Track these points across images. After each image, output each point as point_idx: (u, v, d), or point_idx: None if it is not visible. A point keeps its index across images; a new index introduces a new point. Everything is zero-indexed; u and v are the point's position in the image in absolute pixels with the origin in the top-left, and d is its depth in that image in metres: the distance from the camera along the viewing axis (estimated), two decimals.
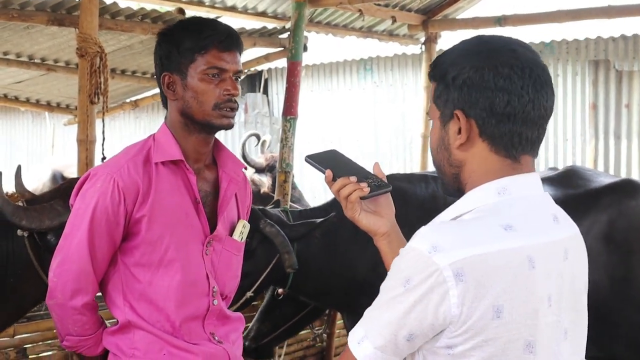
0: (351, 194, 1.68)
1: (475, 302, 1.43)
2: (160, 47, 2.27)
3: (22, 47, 5.77)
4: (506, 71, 1.50)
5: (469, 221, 1.52)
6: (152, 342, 2.23)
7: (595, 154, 8.61)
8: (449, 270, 1.42)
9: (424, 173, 4.27)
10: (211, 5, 5.48)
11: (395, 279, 1.49)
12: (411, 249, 1.48)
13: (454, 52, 1.59)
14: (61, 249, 2.23)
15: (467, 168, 1.57)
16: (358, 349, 1.53)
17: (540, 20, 6.00)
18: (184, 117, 2.25)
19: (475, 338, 1.45)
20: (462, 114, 1.53)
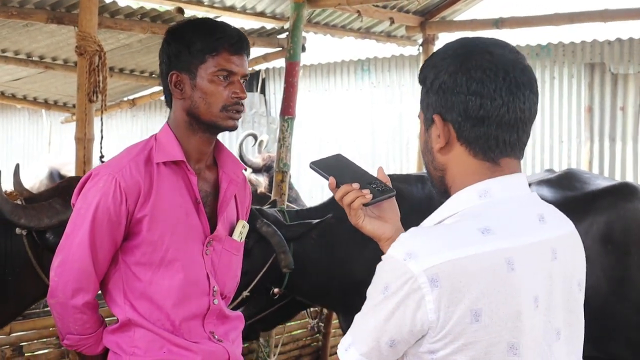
0: (354, 201, 1.68)
1: (452, 307, 1.44)
2: (170, 46, 2.27)
3: (20, 45, 5.78)
4: (479, 75, 1.50)
5: (447, 226, 1.52)
6: (153, 340, 2.24)
7: (591, 156, 8.64)
8: (423, 277, 1.43)
9: (420, 174, 4.29)
10: (210, 4, 5.49)
11: (376, 286, 1.50)
12: (389, 256, 1.49)
13: (436, 55, 1.59)
14: (62, 248, 2.23)
15: (449, 172, 1.58)
16: (345, 355, 1.55)
17: (537, 23, 6.03)
18: (190, 117, 2.26)
19: (455, 342, 1.45)
20: (440, 118, 1.54)
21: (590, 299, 3.37)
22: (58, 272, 2.22)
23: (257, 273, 3.51)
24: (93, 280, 2.22)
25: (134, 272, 2.24)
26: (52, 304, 2.26)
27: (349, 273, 3.82)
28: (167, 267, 2.23)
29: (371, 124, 10.19)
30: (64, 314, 2.24)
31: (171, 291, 2.24)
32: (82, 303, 2.21)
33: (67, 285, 2.20)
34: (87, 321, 2.25)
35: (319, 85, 10.61)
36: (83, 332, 2.26)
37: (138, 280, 2.24)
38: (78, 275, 2.19)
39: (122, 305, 2.25)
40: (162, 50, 2.30)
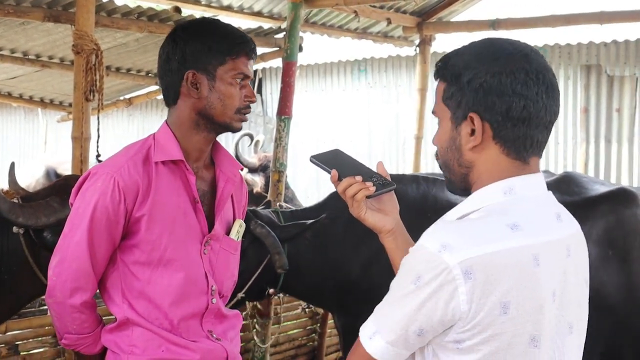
0: (357, 193, 1.72)
1: (483, 299, 1.49)
2: (186, 43, 2.22)
3: (17, 43, 5.76)
4: (522, 77, 1.55)
5: (476, 220, 1.57)
6: (151, 338, 2.24)
7: (586, 158, 8.66)
8: (458, 269, 1.48)
9: (414, 174, 4.30)
10: (207, 4, 5.49)
11: (406, 277, 1.55)
12: (421, 247, 1.54)
13: (467, 54, 1.62)
14: (60, 247, 2.23)
15: (476, 169, 1.62)
16: (369, 343, 1.59)
17: (534, 25, 6.04)
18: (200, 116, 2.25)
19: (483, 333, 1.51)
20: (478, 117, 1.58)
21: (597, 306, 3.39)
22: (56, 271, 2.21)
23: (252, 274, 3.51)
24: (91, 280, 2.22)
25: (132, 271, 2.24)
26: (50, 303, 2.25)
27: (344, 273, 3.82)
28: (165, 266, 2.23)
29: (368, 124, 10.20)
30: (62, 313, 2.23)
31: (169, 290, 2.24)
32: (80, 302, 2.21)
33: (65, 285, 2.20)
34: (85, 320, 2.25)
35: (316, 85, 10.62)
36: (81, 331, 2.26)
37: (136, 279, 2.24)
38: (76, 275, 2.19)
39: (120, 305, 2.25)
40: (173, 46, 2.25)
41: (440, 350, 1.56)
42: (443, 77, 1.64)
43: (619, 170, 8.57)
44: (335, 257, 3.83)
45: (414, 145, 6.48)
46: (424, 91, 6.38)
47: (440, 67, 1.65)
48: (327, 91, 10.55)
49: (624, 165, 8.58)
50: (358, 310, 3.78)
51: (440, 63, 1.66)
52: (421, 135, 6.49)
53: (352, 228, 3.73)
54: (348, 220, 3.75)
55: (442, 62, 1.66)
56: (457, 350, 1.54)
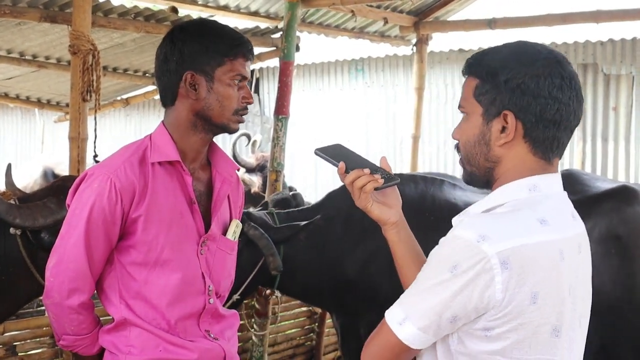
0: (366, 184, 1.77)
1: (517, 289, 1.57)
2: (184, 44, 2.22)
3: (13, 44, 5.76)
4: (558, 82, 1.64)
5: (507, 213, 1.65)
6: (148, 339, 2.24)
7: (583, 157, 8.67)
8: (495, 259, 1.56)
9: (412, 174, 4.30)
10: (204, 4, 5.49)
11: (440, 266, 1.61)
12: (458, 237, 1.61)
13: (503, 54, 1.69)
14: (57, 249, 2.23)
15: (503, 165, 1.69)
16: (400, 329, 1.63)
17: (530, 24, 6.04)
18: (197, 118, 2.25)
19: (512, 322, 1.59)
20: (512, 115, 1.65)
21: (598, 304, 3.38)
22: (53, 272, 2.21)
23: (247, 276, 3.52)
24: (89, 281, 2.22)
25: (129, 271, 2.24)
26: (47, 305, 2.25)
27: (342, 272, 3.83)
28: (162, 266, 2.23)
29: (365, 124, 10.20)
30: (59, 314, 2.23)
31: (166, 291, 2.24)
32: (77, 303, 2.21)
33: (62, 286, 2.20)
34: (83, 321, 2.25)
35: (313, 85, 10.62)
36: (79, 332, 2.26)
37: (133, 280, 2.24)
38: (74, 276, 2.19)
39: (117, 305, 2.25)
40: (171, 47, 2.24)
41: (467, 337, 1.62)
42: (476, 74, 1.70)
43: (616, 169, 8.59)
44: (334, 256, 3.84)
45: (411, 145, 6.49)
46: (421, 90, 6.39)
47: (472, 63, 1.72)
48: (324, 91, 10.55)
49: (620, 163, 8.59)
50: (357, 309, 3.80)
51: (472, 60, 1.72)
52: (418, 135, 6.49)
53: (350, 227, 3.74)
54: (346, 219, 3.79)
55: (474, 59, 1.72)
56: (485, 337, 1.61)
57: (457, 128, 1.77)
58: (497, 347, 1.61)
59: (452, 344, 1.66)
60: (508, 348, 1.61)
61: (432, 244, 1.75)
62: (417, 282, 1.66)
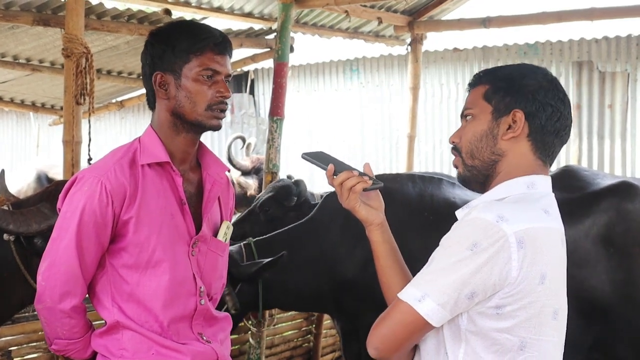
0: (355, 185, 1.87)
1: (530, 267, 1.71)
2: (153, 47, 2.26)
3: (6, 47, 5.74)
4: (561, 96, 1.85)
5: (516, 202, 1.79)
6: (141, 342, 2.23)
7: (579, 154, 8.67)
8: (513, 237, 1.69)
9: (410, 173, 4.29)
10: (198, 6, 5.47)
11: (459, 245, 1.72)
12: (477, 218, 1.73)
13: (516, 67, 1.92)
14: (49, 252, 2.22)
15: (506, 158, 1.85)
16: (420, 305, 1.72)
17: (525, 22, 6.05)
18: (174, 117, 2.26)
19: (523, 300, 1.71)
20: (523, 114, 1.83)
21: (594, 301, 3.35)
22: (45, 276, 2.20)
23: None
24: (81, 284, 2.21)
25: (121, 274, 2.23)
26: (39, 309, 2.24)
27: (340, 274, 3.83)
28: (154, 268, 2.23)
29: (360, 124, 10.20)
30: (51, 318, 2.22)
31: (158, 292, 2.23)
32: (70, 307, 2.20)
33: (54, 290, 2.19)
34: (75, 325, 2.24)
35: (308, 86, 10.61)
36: (71, 336, 2.25)
37: (125, 282, 2.23)
38: (65, 279, 2.18)
39: (110, 308, 2.24)
40: (145, 52, 2.29)
41: (478, 316, 1.73)
42: (488, 81, 1.88)
43: (612, 166, 8.59)
44: (332, 259, 3.84)
45: (406, 144, 6.48)
46: (416, 90, 6.38)
47: (483, 75, 1.91)
48: (319, 91, 10.55)
49: (617, 161, 8.59)
50: (356, 311, 3.79)
51: (483, 72, 1.92)
52: (414, 134, 6.49)
53: (349, 228, 3.74)
54: (344, 221, 3.79)
55: (486, 71, 1.92)
56: (497, 315, 1.72)
57: (457, 132, 1.91)
58: (507, 324, 1.72)
59: (462, 323, 1.75)
60: (516, 326, 1.72)
61: (432, 243, 1.79)
62: (432, 263, 1.75)
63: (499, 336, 1.73)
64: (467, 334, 1.75)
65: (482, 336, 1.73)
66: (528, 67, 1.91)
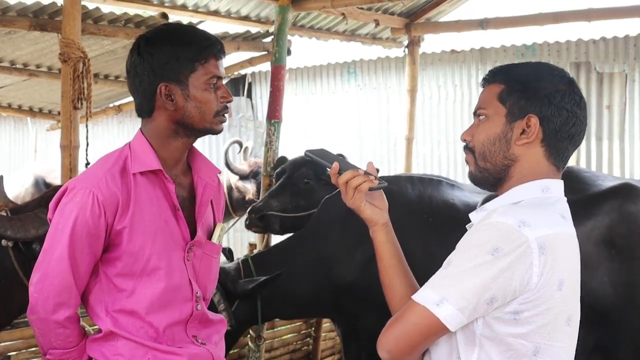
0: (361, 184, 1.84)
1: (550, 274, 1.69)
2: (154, 57, 2.18)
3: (3, 53, 5.74)
4: (577, 99, 1.82)
5: (534, 206, 1.76)
6: (136, 347, 2.22)
7: (578, 155, 8.66)
8: (535, 243, 1.67)
9: (409, 175, 4.29)
10: (194, 9, 5.47)
11: (479, 249, 1.69)
12: (498, 222, 1.70)
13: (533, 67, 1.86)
14: (41, 264, 2.19)
15: (520, 163, 1.82)
16: (439, 310, 1.69)
17: (522, 23, 6.05)
18: (177, 125, 2.22)
19: (541, 306, 1.70)
20: (537, 119, 1.79)
21: (596, 304, 3.34)
22: (37, 288, 2.17)
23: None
24: (74, 295, 2.19)
25: (115, 283, 2.21)
26: (32, 320, 2.21)
27: (339, 277, 3.83)
28: (149, 276, 2.21)
29: (358, 126, 10.19)
30: (45, 329, 2.20)
31: (154, 300, 2.22)
32: (64, 318, 2.18)
33: (47, 301, 2.16)
34: (70, 335, 2.22)
35: (305, 89, 10.60)
36: (66, 346, 2.23)
37: (119, 291, 2.21)
38: (59, 291, 2.16)
39: (104, 318, 2.23)
40: (141, 61, 2.20)
41: (494, 321, 1.70)
42: (502, 81, 1.84)
43: (611, 167, 8.58)
44: (331, 262, 3.84)
45: (404, 146, 6.48)
46: (414, 92, 6.38)
47: (498, 72, 1.87)
48: (317, 94, 10.53)
49: (615, 162, 8.58)
50: (356, 313, 3.79)
51: (498, 69, 1.87)
52: (412, 136, 6.49)
53: (349, 230, 3.74)
54: (344, 223, 3.78)
55: (501, 69, 1.87)
56: (514, 320, 1.69)
57: (469, 130, 1.89)
58: (523, 330, 1.70)
59: (477, 328, 1.72)
60: (532, 332, 1.71)
61: (432, 244, 1.78)
62: (449, 266, 1.72)
63: (514, 341, 1.71)
64: (482, 339, 1.72)
65: (498, 341, 1.71)
66: (545, 67, 1.87)
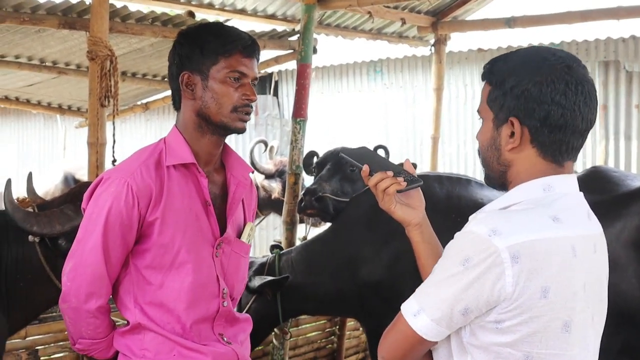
0: (389, 187, 1.81)
1: (527, 282, 1.61)
2: (182, 47, 2.27)
3: (33, 51, 5.80)
4: (562, 87, 1.67)
5: (520, 211, 1.69)
6: (163, 342, 2.24)
7: (606, 155, 8.57)
8: (506, 253, 1.61)
9: (438, 174, 4.25)
10: (221, 8, 5.50)
11: (453, 259, 1.66)
12: (470, 232, 1.66)
13: (513, 60, 1.74)
14: (74, 253, 2.23)
15: (514, 168, 1.75)
16: (414, 320, 1.68)
17: (550, 22, 5.99)
18: (199, 118, 2.26)
19: (523, 315, 1.63)
20: (518, 121, 1.70)
21: (624, 306, 3.29)
22: (70, 276, 2.22)
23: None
24: (106, 284, 2.23)
25: (145, 275, 2.24)
26: (64, 309, 2.26)
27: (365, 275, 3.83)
28: (177, 269, 2.24)
29: (384, 125, 10.17)
30: (76, 318, 2.24)
31: (181, 294, 2.24)
32: (95, 307, 2.22)
33: (80, 290, 2.21)
34: (100, 325, 2.26)
35: (332, 87, 10.60)
36: (95, 336, 2.27)
37: (149, 284, 2.24)
38: (91, 280, 2.20)
39: (132, 310, 2.26)
40: (172, 52, 2.31)
41: (479, 330, 1.67)
42: (488, 80, 1.76)
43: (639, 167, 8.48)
44: (357, 260, 3.84)
45: (430, 146, 6.45)
46: (440, 91, 6.35)
47: (487, 70, 1.77)
48: (343, 93, 10.54)
49: None
50: (383, 312, 3.78)
51: (487, 66, 1.78)
52: (438, 136, 6.46)
53: (376, 228, 3.73)
54: (370, 221, 3.78)
55: (489, 65, 1.78)
56: (497, 330, 1.65)
57: (479, 131, 1.83)
58: (508, 339, 1.65)
59: (464, 336, 1.70)
60: (518, 341, 1.65)
61: None
62: (432, 275, 1.70)
63: (502, 350, 1.67)
64: (470, 347, 1.70)
65: (484, 350, 1.68)
66: (522, 59, 1.73)
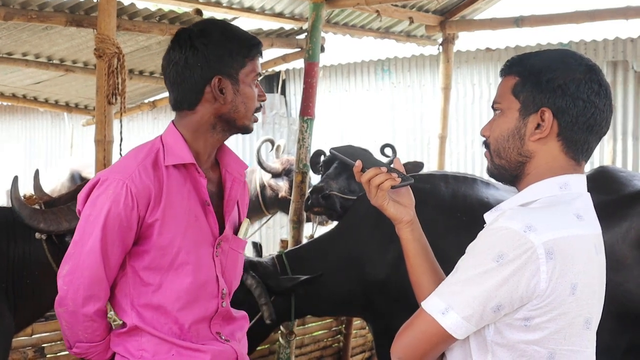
0: (383, 182, 1.81)
1: (560, 279, 1.63)
2: (208, 49, 2.19)
3: (40, 48, 5.80)
4: (596, 88, 1.72)
5: (544, 208, 1.70)
6: (160, 343, 2.22)
7: (614, 155, 8.54)
8: (542, 248, 1.61)
9: (444, 173, 4.24)
10: (229, 6, 5.49)
11: (484, 255, 1.65)
12: (503, 227, 1.64)
13: (548, 56, 1.77)
14: (71, 256, 2.19)
15: (535, 160, 1.76)
16: (444, 319, 1.67)
17: (558, 21, 5.96)
18: (219, 120, 2.24)
19: (553, 312, 1.64)
20: (551, 113, 1.72)
21: (631, 305, 3.29)
22: (67, 280, 2.18)
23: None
24: (104, 288, 2.19)
25: (142, 277, 2.21)
26: (60, 313, 2.21)
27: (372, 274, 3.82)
28: (176, 270, 2.21)
29: (392, 124, 10.15)
30: (73, 322, 2.20)
31: (180, 295, 2.22)
32: (93, 311, 2.18)
33: (77, 294, 2.17)
34: (97, 329, 2.22)
35: (339, 86, 10.59)
36: (92, 339, 2.23)
37: (146, 285, 2.21)
38: (89, 283, 2.16)
39: (129, 312, 2.23)
40: (194, 53, 2.21)
41: (505, 328, 1.66)
42: (517, 73, 1.77)
43: None
44: (364, 259, 3.83)
45: (438, 145, 6.44)
46: (448, 90, 6.34)
47: (513, 63, 1.80)
48: (350, 91, 10.52)
49: None
50: (389, 311, 3.78)
51: (513, 60, 1.80)
52: (445, 135, 6.44)
53: (381, 227, 3.73)
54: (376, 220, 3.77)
55: (516, 59, 1.80)
56: (525, 327, 1.65)
57: (488, 125, 1.83)
58: (536, 336, 1.66)
59: (488, 334, 1.69)
60: (545, 338, 1.66)
61: (465, 244, 1.75)
62: (457, 272, 1.69)
63: (527, 348, 1.67)
64: (494, 345, 1.69)
65: (509, 348, 1.67)
66: (560, 56, 1.77)
